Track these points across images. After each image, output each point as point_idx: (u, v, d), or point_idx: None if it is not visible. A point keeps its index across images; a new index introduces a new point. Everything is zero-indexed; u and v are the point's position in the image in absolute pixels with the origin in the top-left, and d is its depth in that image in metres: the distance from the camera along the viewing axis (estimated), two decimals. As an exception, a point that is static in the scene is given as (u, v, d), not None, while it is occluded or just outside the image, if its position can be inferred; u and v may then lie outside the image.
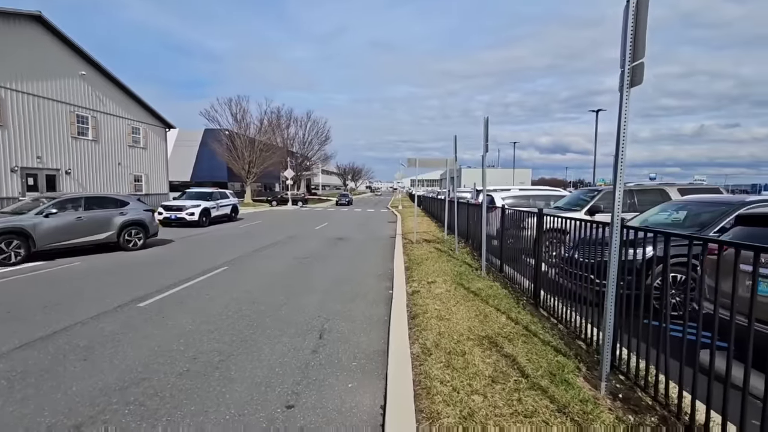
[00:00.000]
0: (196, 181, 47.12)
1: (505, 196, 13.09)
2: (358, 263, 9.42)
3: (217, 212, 19.15)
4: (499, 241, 7.62)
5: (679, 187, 8.96)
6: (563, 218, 4.75)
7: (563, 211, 9.24)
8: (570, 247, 5.45)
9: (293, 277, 7.79)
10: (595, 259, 4.49)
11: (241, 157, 36.97)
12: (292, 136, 50.71)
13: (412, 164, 11.90)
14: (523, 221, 6.39)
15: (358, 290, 6.83)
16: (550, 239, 6.82)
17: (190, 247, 11.89)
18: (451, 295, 5.75)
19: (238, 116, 37.72)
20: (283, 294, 6.57)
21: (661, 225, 6.28)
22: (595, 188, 9.64)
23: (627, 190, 9.06)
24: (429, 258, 8.99)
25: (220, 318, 5.33)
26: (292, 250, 11.21)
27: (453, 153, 10.54)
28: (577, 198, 9.95)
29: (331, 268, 8.72)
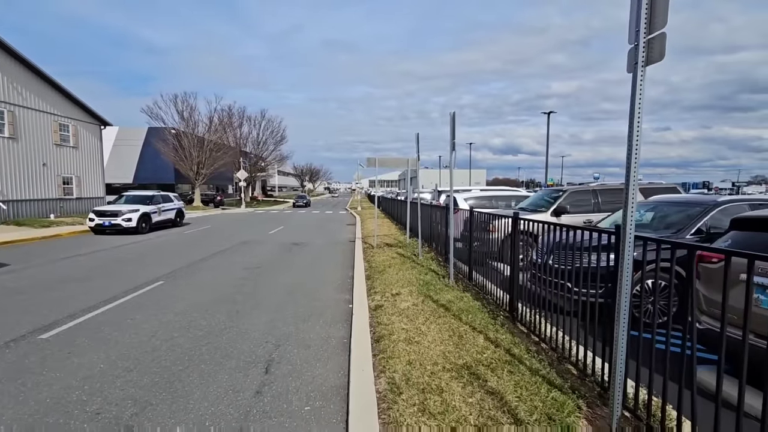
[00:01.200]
0: (139, 183, 43.84)
1: (467, 197, 12.76)
2: (315, 272, 8.62)
3: (160, 217, 17.49)
4: (467, 246, 7.14)
5: (640, 187, 8.93)
6: (542, 223, 4.26)
7: (528, 213, 8.95)
8: (543, 252, 5.01)
9: (240, 292, 6.87)
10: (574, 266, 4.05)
11: (188, 158, 34.67)
12: (246, 135, 48.54)
13: (371, 164, 11.24)
14: (493, 225, 5.90)
15: (314, 306, 6.05)
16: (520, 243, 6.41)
17: (122, 257, 10.51)
18: (420, 310, 5.13)
19: (185, 114, 35.35)
20: (226, 314, 5.67)
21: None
22: (559, 188, 9.45)
23: (590, 190, 8.92)
24: (392, 265, 8.36)
25: (143, 351, 4.38)
26: (241, 259, 10.18)
27: (414, 153, 10.00)
28: (541, 199, 9.72)
29: (285, 279, 7.86)
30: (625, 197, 2.43)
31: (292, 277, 8.05)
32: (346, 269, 8.88)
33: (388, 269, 7.98)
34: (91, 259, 10.34)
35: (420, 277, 7.08)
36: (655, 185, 9.05)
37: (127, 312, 5.79)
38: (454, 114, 6.53)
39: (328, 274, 8.36)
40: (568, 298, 4.09)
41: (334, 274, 8.35)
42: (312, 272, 8.60)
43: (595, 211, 8.69)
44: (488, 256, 6.27)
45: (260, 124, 49.57)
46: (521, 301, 4.70)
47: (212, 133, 37.11)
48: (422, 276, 7.14)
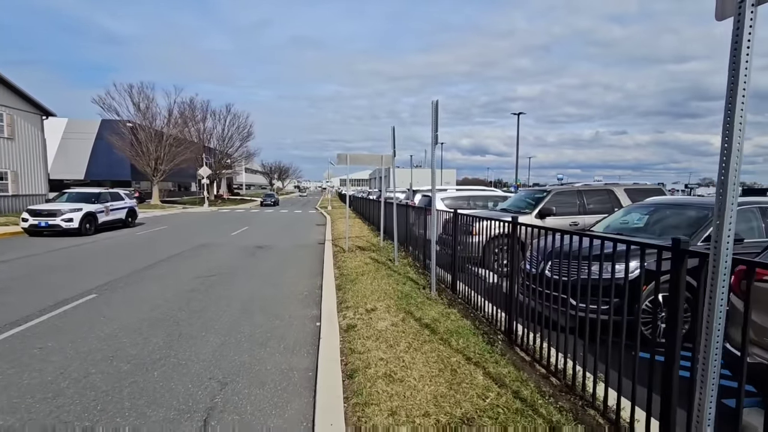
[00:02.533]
0: (92, 179, 40.83)
1: (443, 196, 12.10)
2: (279, 281, 7.66)
3: (107, 217, 15.85)
4: (448, 251, 6.42)
5: (625, 188, 8.53)
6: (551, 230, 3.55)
7: (511, 215, 8.34)
8: (538, 261, 4.34)
9: (187, 308, 5.84)
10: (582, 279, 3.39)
11: (145, 153, 32.41)
12: (210, 130, 46.28)
13: (342, 161, 10.35)
14: (480, 228, 5.19)
15: (274, 325, 5.13)
16: (499, 246, 5.77)
17: (54, 264, 9.12)
18: (400, 332, 4.32)
19: (141, 105, 33.01)
20: (164, 338, 4.65)
21: (629, 231, 5.48)
22: (542, 189, 8.92)
23: (575, 191, 8.43)
24: (365, 272, 7.53)
25: (41, 397, 3.34)
26: (195, 266, 9.04)
27: (389, 149, 9.20)
28: (522, 200, 9.16)
29: (243, 290, 6.86)
30: (721, 201, 1.69)
31: (251, 288, 7.06)
32: (314, 277, 7.97)
33: (361, 277, 7.14)
34: (15, 266, 8.90)
35: (397, 287, 6.28)
36: (640, 186, 8.68)
37: (37, 337, 4.66)
38: (437, 103, 5.75)
39: (293, 284, 7.42)
40: (571, 316, 3.43)
41: (300, 284, 7.42)
42: (275, 281, 7.63)
43: (581, 213, 8.20)
44: (476, 263, 5.56)
45: (225, 119, 47.42)
46: (519, 317, 3.98)
47: (172, 126, 34.90)
48: (400, 286, 6.35)
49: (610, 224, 5.95)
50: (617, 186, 8.51)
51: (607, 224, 5.98)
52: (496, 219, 4.55)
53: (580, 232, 3.83)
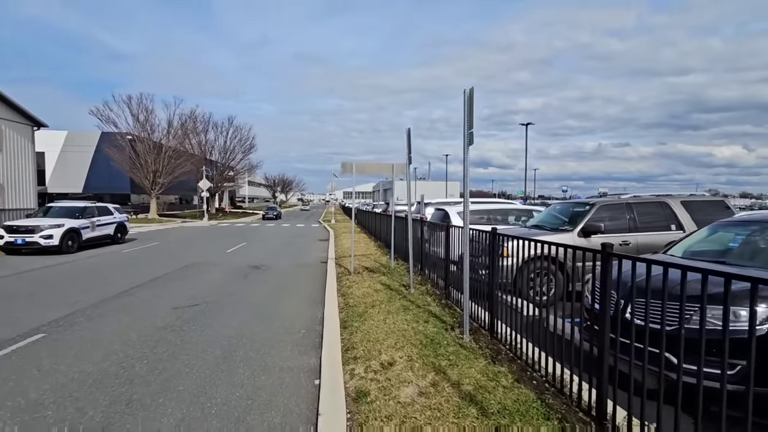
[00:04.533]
0: (91, 193, 39.90)
1: (460, 210, 10.84)
2: (272, 312, 6.37)
3: (93, 233, 14.68)
4: (481, 279, 5.12)
5: (681, 200, 7.23)
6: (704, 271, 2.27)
7: (548, 233, 7.06)
8: (619, 297, 3.07)
9: (150, 356, 4.55)
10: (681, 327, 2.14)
11: (144, 165, 31.45)
12: (211, 142, 45.54)
13: (347, 170, 9.14)
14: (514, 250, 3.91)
15: (258, 384, 3.82)
16: (536, 271, 4.55)
17: (15, 289, 7.88)
18: (434, 409, 3.01)
19: (140, 117, 32.20)
20: (104, 410, 3.36)
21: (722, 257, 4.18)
22: (584, 201, 7.62)
23: (624, 204, 7.13)
24: (375, 303, 6.23)
25: None
26: (177, 292, 7.78)
27: (404, 155, 7.97)
28: (559, 214, 7.87)
29: (226, 327, 5.58)
30: None
31: (237, 324, 5.77)
32: (314, 307, 6.67)
33: (370, 310, 5.84)
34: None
35: (418, 326, 4.97)
36: (699, 198, 7.37)
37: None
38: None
39: (289, 317, 6.13)
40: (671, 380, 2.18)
41: (297, 317, 6.13)
42: (268, 313, 6.34)
43: (632, 230, 6.89)
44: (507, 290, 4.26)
45: (228, 131, 46.72)
46: (615, 393, 2.66)
47: (171, 138, 34.02)
48: (421, 325, 5.03)
49: (691, 247, 4.64)
50: (672, 198, 7.21)
51: (687, 247, 4.67)
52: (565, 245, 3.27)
53: (689, 264, 2.58)
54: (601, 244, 2.66)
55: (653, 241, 6.82)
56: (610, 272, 2.64)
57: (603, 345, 2.69)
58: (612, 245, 2.61)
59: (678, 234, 6.95)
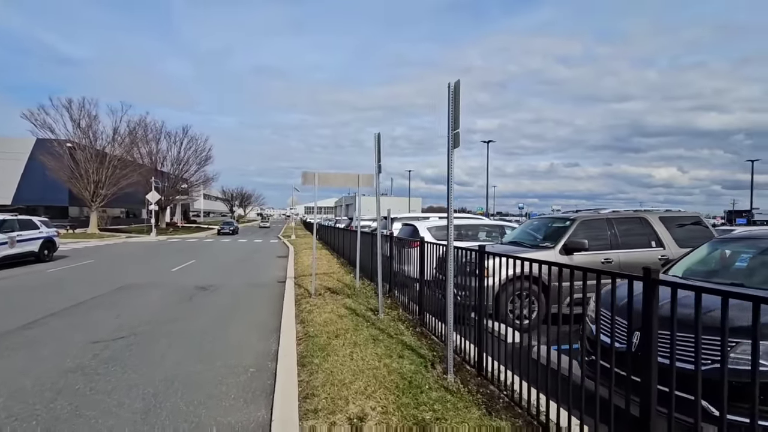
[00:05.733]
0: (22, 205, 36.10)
1: (429, 225, 10.28)
2: (216, 345, 5.34)
3: (12, 250, 12.76)
4: (474, 308, 4.44)
5: (660, 215, 6.98)
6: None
7: (528, 250, 6.54)
8: (628, 328, 2.49)
9: (45, 413, 3.45)
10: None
11: (84, 175, 28.79)
12: (164, 152, 42.97)
13: (309, 181, 8.30)
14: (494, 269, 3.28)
15: (184, 456, 2.86)
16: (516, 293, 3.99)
17: None
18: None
19: (82, 123, 29.61)
20: None
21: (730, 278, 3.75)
22: (563, 216, 7.21)
23: (605, 219, 6.77)
24: (340, 332, 5.37)
25: None
26: (100, 320, 6.52)
27: (369, 168, 7.25)
28: (536, 230, 7.42)
29: (156, 368, 4.51)
30: None
31: (170, 362, 4.71)
32: (267, 337, 5.70)
33: (334, 341, 4.98)
34: None
35: (392, 363, 4.17)
36: (675, 214, 7.16)
37: None
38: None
39: (236, 351, 5.13)
40: None
41: (245, 351, 5.14)
42: (209, 347, 5.30)
43: (613, 247, 6.52)
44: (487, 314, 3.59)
45: (182, 141, 44.34)
46: None
47: (117, 146, 31.52)
48: (395, 361, 4.24)
49: (693, 267, 4.21)
50: (651, 214, 6.95)
51: (688, 266, 4.24)
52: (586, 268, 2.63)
53: (729, 290, 2.02)
54: (643, 268, 2.02)
55: (635, 259, 6.47)
56: (655, 304, 2.00)
57: (649, 402, 2.03)
58: (657, 270, 1.98)
59: (658, 251, 6.67)
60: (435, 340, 5.00)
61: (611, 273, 2.33)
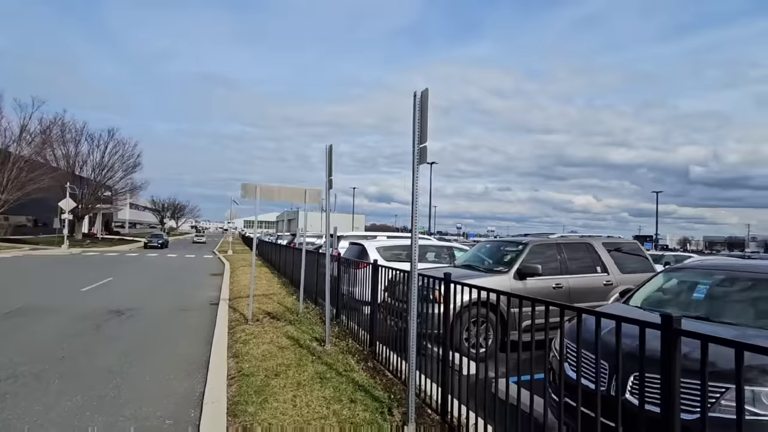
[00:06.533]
0: None
1: (378, 245, 9.86)
2: (122, 390, 4.38)
3: None
4: (402, 327, 4.00)
5: (602, 241, 7.14)
6: None
7: (482, 275, 6.33)
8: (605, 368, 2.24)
9: None
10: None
11: (-20, 177, 24.93)
12: (84, 156, 38.86)
13: (250, 194, 7.54)
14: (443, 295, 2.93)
15: None
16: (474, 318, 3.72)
17: None
18: None
19: (-19, 117, 25.77)
20: None
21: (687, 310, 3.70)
22: (515, 239, 7.10)
23: (555, 244, 6.77)
24: (280, 369, 4.68)
25: None
26: (-29, 359, 5.20)
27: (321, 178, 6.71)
28: (488, 254, 7.26)
29: (35, 427, 3.52)
30: None
31: (57, 415, 3.73)
32: (191, 377, 4.84)
33: (274, 381, 4.29)
34: None
35: (343, 410, 3.59)
36: (614, 240, 7.38)
37: None
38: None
39: (149, 396, 4.23)
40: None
41: (161, 396, 4.26)
42: (114, 392, 4.34)
43: (563, 273, 6.51)
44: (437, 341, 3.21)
45: (106, 144, 40.43)
46: None
47: (25, 146, 27.79)
48: (346, 407, 3.66)
49: (650, 297, 4.15)
50: (595, 239, 7.09)
51: (646, 297, 4.17)
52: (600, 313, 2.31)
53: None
54: (661, 315, 1.71)
55: (584, 285, 6.51)
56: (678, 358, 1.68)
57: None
58: (679, 318, 1.67)
59: (603, 276, 6.77)
60: (389, 377, 4.49)
61: (645, 323, 1.99)
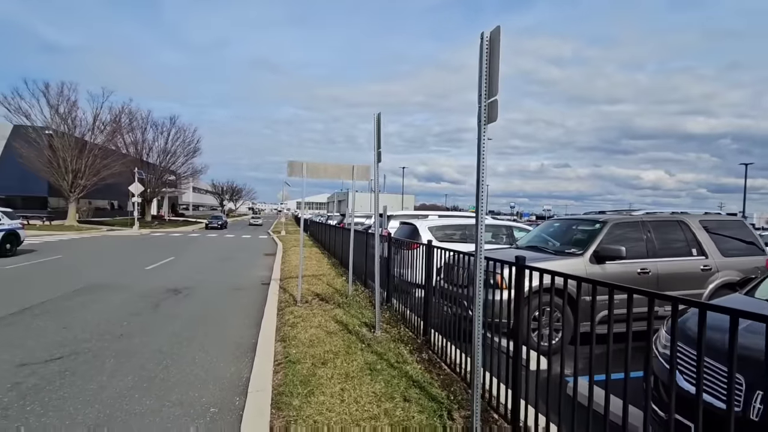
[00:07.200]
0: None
1: (430, 225, 9.27)
2: (172, 372, 4.28)
3: (-34, 244, 11.50)
4: (454, 312, 3.45)
5: (700, 219, 6.05)
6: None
7: (550, 257, 5.58)
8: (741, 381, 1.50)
9: None
10: None
11: (62, 164, 27.28)
12: (150, 143, 41.43)
13: (296, 171, 7.24)
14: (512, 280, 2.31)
15: None
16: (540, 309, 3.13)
17: None
18: None
19: (61, 109, 28.04)
20: None
21: None
22: (592, 217, 6.22)
23: (638, 222, 5.82)
24: (328, 357, 4.36)
25: None
26: (40, 333, 5.42)
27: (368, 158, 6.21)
28: (558, 233, 6.45)
29: (84, 407, 3.45)
30: None
31: (108, 397, 3.65)
32: (238, 360, 4.66)
33: (321, 370, 3.96)
34: None
35: (396, 409, 3.17)
36: (713, 216, 6.23)
37: None
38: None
39: (195, 380, 4.09)
40: None
41: (208, 381, 4.10)
42: (164, 373, 4.25)
43: (650, 256, 5.57)
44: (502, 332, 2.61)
45: (169, 131, 42.76)
46: None
47: (98, 134, 30.00)
48: (400, 406, 3.23)
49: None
50: (690, 216, 6.02)
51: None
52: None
53: None
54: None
55: (676, 270, 5.55)
56: None
57: None
58: None
59: (700, 261, 5.74)
60: (447, 371, 4.00)
61: (731, 311, 1.33)
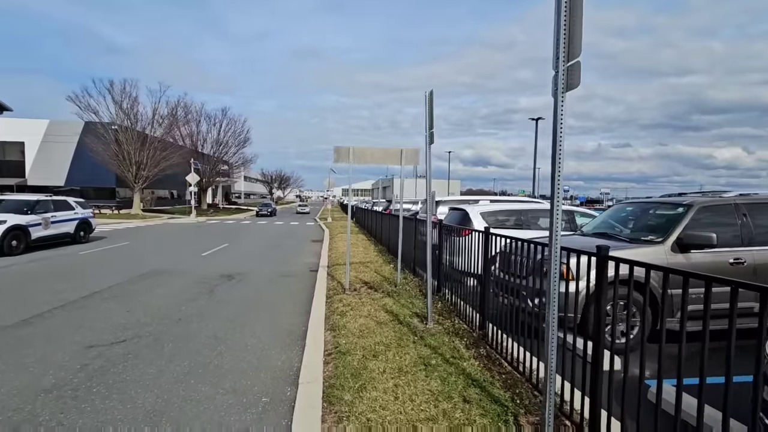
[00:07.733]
0: (73, 186, 37.71)
1: (483, 210, 8.79)
2: (225, 359, 4.30)
3: (46, 231, 12.57)
4: (511, 302, 3.08)
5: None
6: None
7: (625, 245, 5.01)
8: None
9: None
10: None
11: (126, 157, 29.27)
12: (204, 134, 43.42)
13: (343, 157, 7.07)
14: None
15: None
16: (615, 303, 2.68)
17: None
18: None
19: (123, 104, 29.97)
20: None
21: None
22: (673, 199, 5.52)
23: (731, 205, 5.06)
24: (379, 349, 4.17)
25: None
26: (106, 317, 5.71)
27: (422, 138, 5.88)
28: (634, 218, 5.81)
29: (143, 393, 3.51)
30: None
31: (166, 382, 3.71)
32: (289, 348, 4.61)
33: (372, 363, 3.78)
34: None
35: (455, 411, 2.91)
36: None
37: None
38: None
39: (248, 368, 4.06)
40: None
41: (260, 369, 4.06)
42: (218, 360, 4.27)
43: (745, 244, 4.83)
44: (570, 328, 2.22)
45: (221, 123, 44.55)
46: None
47: (157, 127, 31.82)
48: (459, 407, 2.97)
49: None
50: (795, 197, 5.15)
51: None
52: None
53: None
54: None
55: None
56: None
57: None
58: None
59: (807, 248, 4.91)
60: (508, 369, 3.67)
61: None
